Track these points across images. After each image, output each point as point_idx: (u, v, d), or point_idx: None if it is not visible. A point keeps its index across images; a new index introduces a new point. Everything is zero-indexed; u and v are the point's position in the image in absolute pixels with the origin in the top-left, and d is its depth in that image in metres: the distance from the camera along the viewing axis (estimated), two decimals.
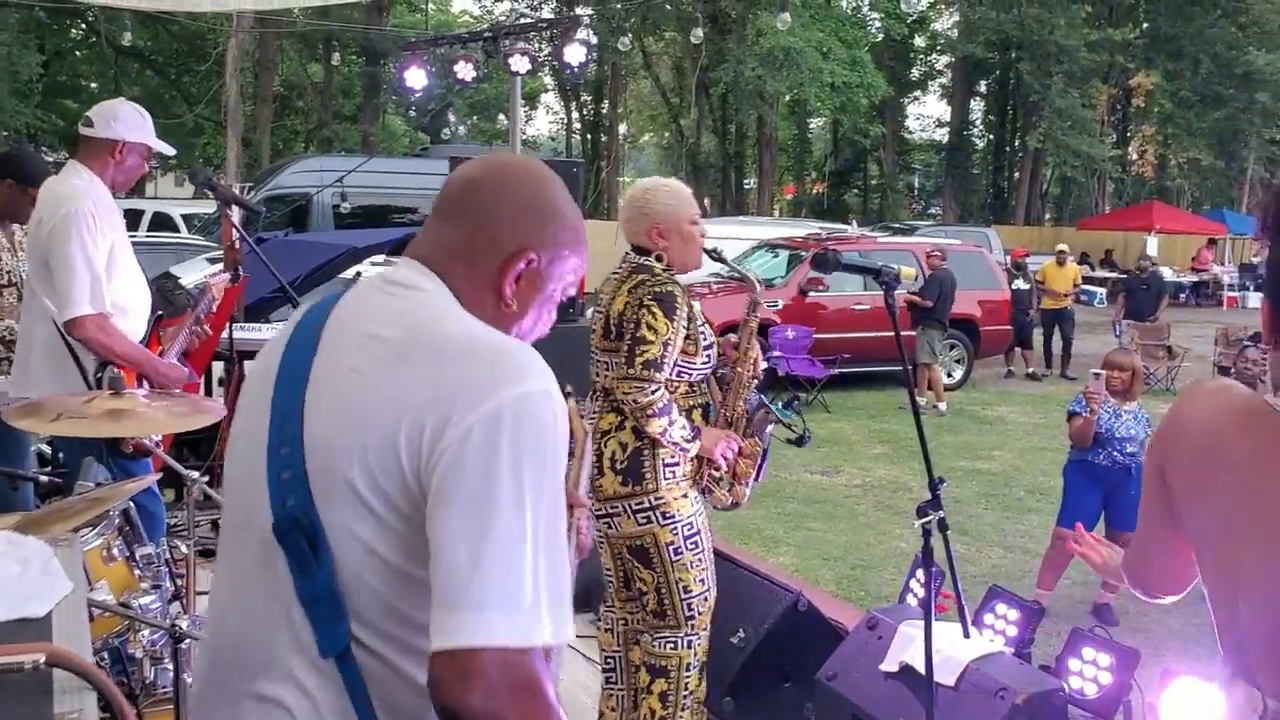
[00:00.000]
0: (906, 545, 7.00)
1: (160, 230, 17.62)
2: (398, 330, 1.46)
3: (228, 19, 24.19)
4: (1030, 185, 40.22)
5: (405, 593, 1.41)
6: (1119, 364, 6.08)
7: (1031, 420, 12.25)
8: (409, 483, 1.37)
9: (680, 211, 3.50)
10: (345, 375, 1.45)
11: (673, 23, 34.52)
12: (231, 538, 1.55)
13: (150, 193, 38.89)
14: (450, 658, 1.28)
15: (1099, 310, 23.98)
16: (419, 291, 1.52)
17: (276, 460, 1.46)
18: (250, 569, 1.49)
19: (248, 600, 1.49)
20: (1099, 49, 32.49)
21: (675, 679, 3.54)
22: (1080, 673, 3.73)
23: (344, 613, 1.40)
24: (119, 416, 2.92)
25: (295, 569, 1.42)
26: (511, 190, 1.58)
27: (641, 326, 3.30)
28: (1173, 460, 1.65)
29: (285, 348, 1.56)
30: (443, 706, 1.30)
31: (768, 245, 15.37)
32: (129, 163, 3.96)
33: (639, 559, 3.50)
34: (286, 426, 1.46)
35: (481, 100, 41.96)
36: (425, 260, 1.55)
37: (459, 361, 1.41)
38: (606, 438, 3.45)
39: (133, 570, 2.97)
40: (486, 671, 1.27)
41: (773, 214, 36.78)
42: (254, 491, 1.48)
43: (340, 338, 1.50)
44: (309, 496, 1.41)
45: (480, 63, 9.15)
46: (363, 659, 1.41)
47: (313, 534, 1.40)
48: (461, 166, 1.64)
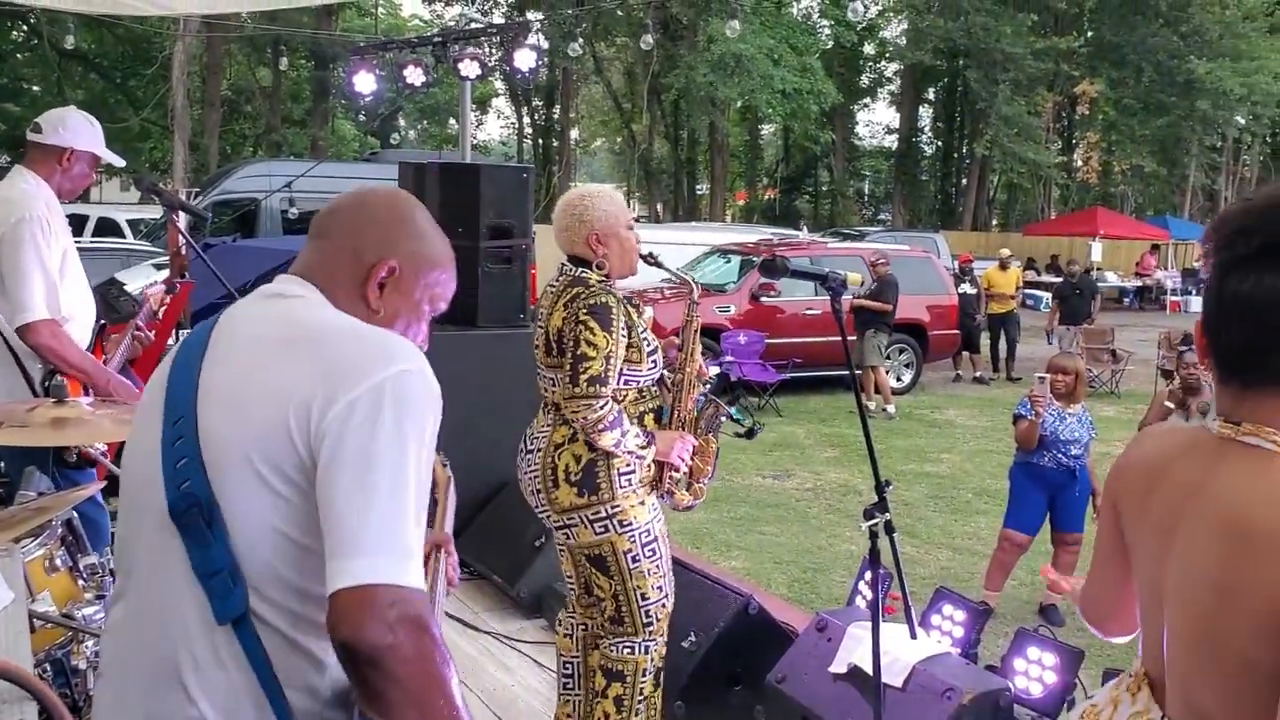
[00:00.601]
0: (857, 548, 7.06)
1: (105, 236, 17.37)
2: (281, 328, 1.62)
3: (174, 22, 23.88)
4: (977, 191, 40.66)
5: (302, 566, 1.52)
6: (1063, 367, 6.17)
7: (979, 423, 12.39)
8: (302, 457, 1.51)
9: (618, 217, 3.49)
10: (233, 371, 1.60)
11: (624, 28, 34.55)
12: (136, 528, 1.63)
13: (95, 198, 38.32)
14: (346, 596, 1.41)
15: (1045, 315, 24.29)
16: (297, 297, 1.69)
17: (171, 452, 1.57)
18: (148, 557, 1.59)
19: (147, 587, 1.58)
20: (1044, 57, 32.91)
21: (631, 683, 3.54)
22: (1026, 672, 3.77)
23: (240, 581, 1.51)
24: (63, 425, 2.88)
25: (192, 544, 1.53)
26: (370, 210, 1.78)
27: (581, 344, 3.29)
28: (1123, 495, 1.67)
29: (174, 357, 1.70)
30: (341, 643, 1.41)
31: (720, 251, 15.43)
32: (76, 170, 3.91)
33: (597, 567, 3.50)
34: (181, 423, 1.58)
35: (432, 105, 41.81)
36: (301, 274, 1.73)
37: (340, 347, 1.57)
38: (560, 450, 3.43)
39: (76, 580, 2.93)
40: (380, 606, 1.40)
41: (725, 219, 36.93)
42: (149, 484, 1.58)
43: (225, 341, 1.65)
44: (204, 478, 1.53)
45: (430, 67, 9.11)
46: (260, 630, 1.52)
47: (209, 511, 1.52)
48: (336, 198, 1.84)
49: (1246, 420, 1.46)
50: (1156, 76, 32.81)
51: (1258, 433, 1.44)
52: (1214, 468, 1.47)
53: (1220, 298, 1.46)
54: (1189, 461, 1.53)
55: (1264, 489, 1.41)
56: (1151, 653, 1.59)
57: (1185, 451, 1.56)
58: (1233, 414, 1.48)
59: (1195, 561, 1.46)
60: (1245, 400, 1.47)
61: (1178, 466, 1.54)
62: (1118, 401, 13.92)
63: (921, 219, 39.91)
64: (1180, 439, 1.62)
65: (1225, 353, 1.49)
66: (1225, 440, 1.48)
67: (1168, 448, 1.62)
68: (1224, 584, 1.40)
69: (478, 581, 5.62)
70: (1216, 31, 31.97)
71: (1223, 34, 31.97)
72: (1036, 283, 27.34)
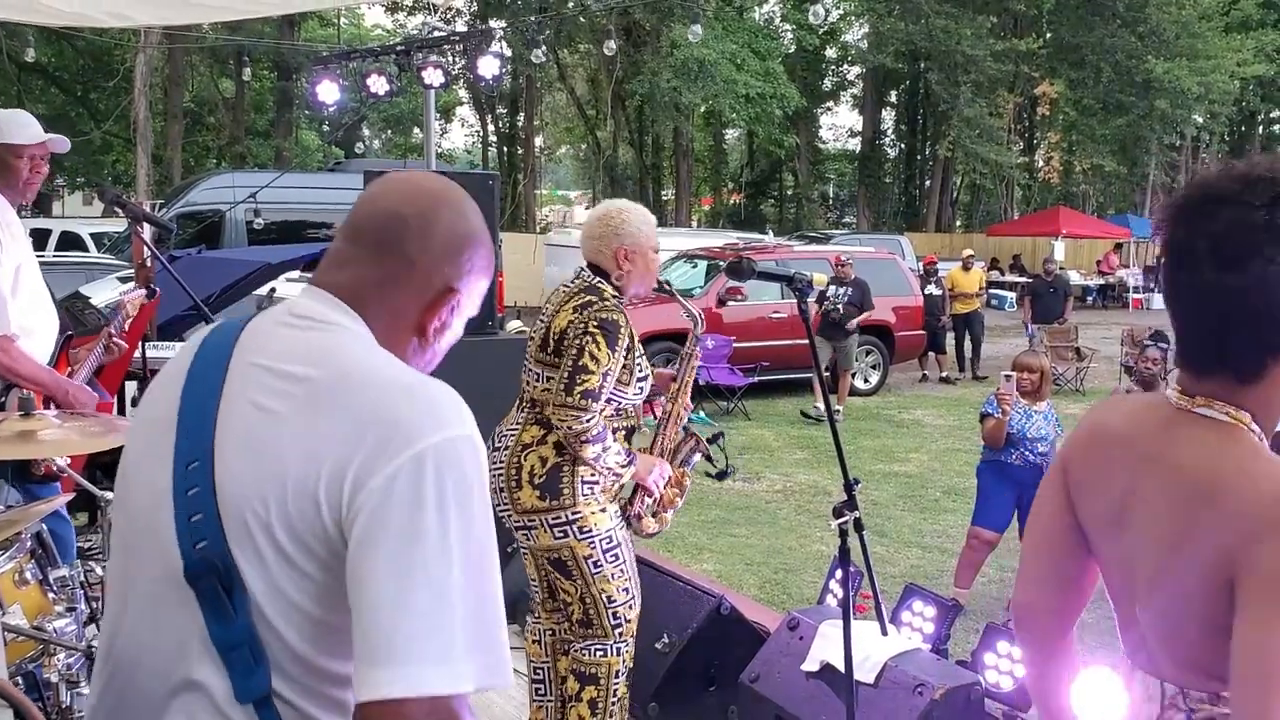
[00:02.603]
0: (827, 548, 7.10)
1: (69, 250, 17.20)
2: (313, 369, 1.40)
3: (135, 34, 23.70)
4: (941, 193, 40.93)
5: (323, 642, 1.38)
6: (1028, 365, 6.24)
7: (946, 423, 12.48)
8: (329, 531, 1.33)
9: (649, 238, 3.57)
10: (258, 416, 1.39)
11: (586, 35, 34.57)
12: (135, 569, 1.47)
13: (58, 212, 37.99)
14: (376, 709, 1.26)
15: (1010, 314, 24.49)
16: (334, 327, 1.46)
17: (185, 501, 1.39)
18: (161, 609, 1.42)
19: (163, 641, 1.42)
20: (1004, 59, 33.19)
21: (605, 686, 3.55)
22: (996, 666, 3.82)
23: (262, 658, 1.36)
24: (29, 438, 2.87)
25: (210, 614, 1.36)
26: (440, 228, 1.52)
27: (584, 355, 3.31)
28: (1079, 466, 1.71)
29: (187, 378, 1.48)
30: None
31: (686, 256, 15.47)
32: (19, 166, 3.81)
33: (559, 571, 3.52)
34: (195, 469, 1.39)
35: (396, 114, 41.64)
36: (340, 293, 1.49)
37: (381, 407, 1.36)
38: (527, 451, 3.45)
39: (46, 594, 2.92)
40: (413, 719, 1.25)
41: (691, 225, 36.99)
42: (159, 528, 1.41)
43: (251, 373, 1.43)
44: (223, 540, 1.36)
45: (393, 76, 9.10)
46: (280, 709, 1.38)
47: (227, 579, 1.35)
48: (382, 193, 1.55)
49: (1201, 395, 1.53)
50: (1115, 77, 33.14)
51: (1209, 405, 1.52)
52: (1171, 436, 1.55)
53: (1175, 290, 1.53)
54: (1146, 430, 1.60)
55: (1222, 452, 1.48)
56: (1124, 628, 1.65)
57: (1143, 420, 1.62)
58: (1189, 388, 1.55)
59: (1151, 524, 1.52)
60: (1201, 380, 1.54)
61: (1137, 436, 1.61)
62: (1083, 399, 14.05)
63: (886, 221, 40.13)
64: (1136, 406, 1.69)
65: (1182, 338, 1.56)
66: (1181, 410, 1.55)
67: (1125, 417, 1.68)
68: (1176, 542, 1.48)
69: None
70: (1173, 31, 32.33)
71: (1179, 34, 32.33)
72: (1001, 282, 27.55)
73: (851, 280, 12.92)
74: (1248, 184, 1.46)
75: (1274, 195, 1.44)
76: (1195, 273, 1.47)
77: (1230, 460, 1.47)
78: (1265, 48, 34.27)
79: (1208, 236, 1.45)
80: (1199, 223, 1.47)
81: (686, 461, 3.80)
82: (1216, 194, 1.47)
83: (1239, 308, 1.45)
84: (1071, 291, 17.44)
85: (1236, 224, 1.44)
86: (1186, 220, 1.50)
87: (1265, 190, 1.45)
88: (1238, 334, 1.47)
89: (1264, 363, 1.48)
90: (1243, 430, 1.50)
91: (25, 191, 3.90)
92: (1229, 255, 1.44)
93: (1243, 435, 1.50)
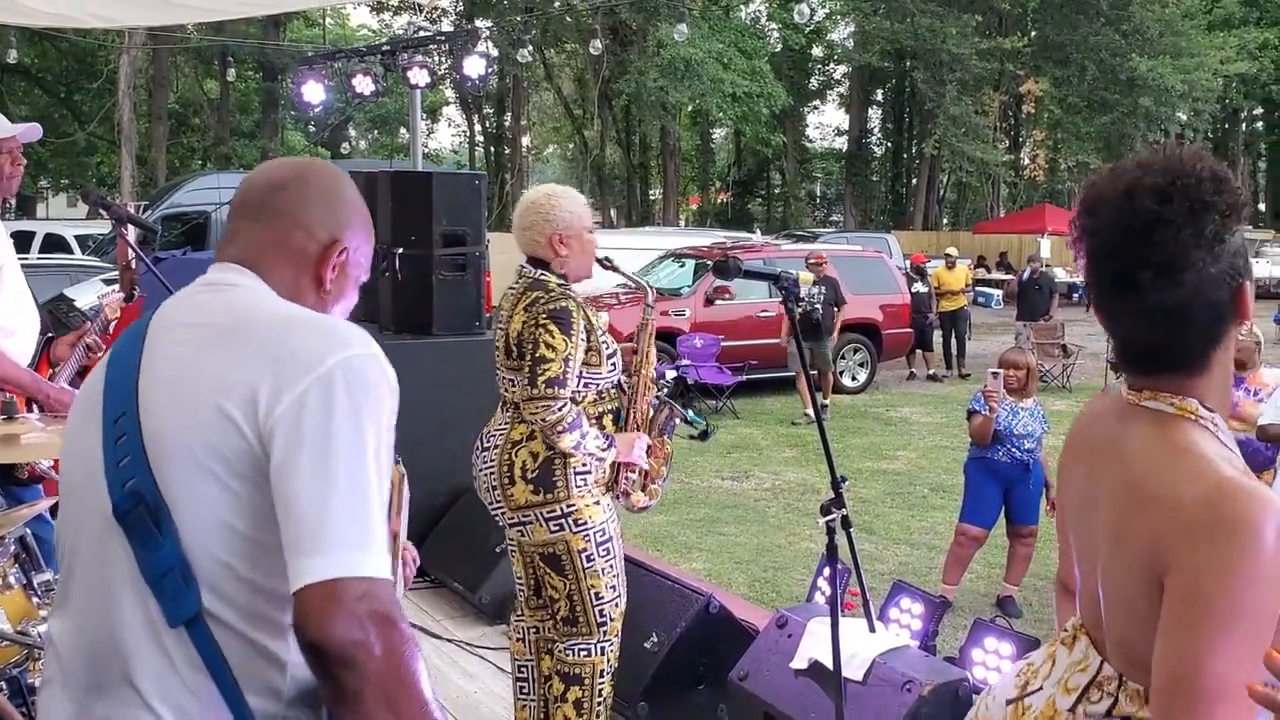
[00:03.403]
0: (816, 546, 7.10)
1: (53, 252, 17.13)
2: (222, 318, 1.55)
3: (119, 35, 23.63)
4: (927, 191, 41.06)
5: (257, 562, 1.46)
6: (1014, 362, 6.25)
7: (933, 420, 12.51)
8: (253, 448, 1.44)
9: (581, 218, 3.53)
10: (171, 363, 1.52)
11: (573, 34, 34.58)
12: (72, 540, 1.56)
13: (42, 214, 37.83)
14: (311, 593, 1.35)
15: (996, 311, 24.57)
16: (235, 286, 1.61)
17: (113, 451, 1.50)
18: (91, 562, 1.51)
19: (91, 593, 1.51)
20: (989, 57, 33.30)
21: (589, 686, 3.54)
22: (984, 662, 3.82)
23: (191, 580, 1.44)
24: (12, 442, 2.86)
25: (139, 545, 1.45)
26: (317, 188, 1.68)
27: (540, 346, 3.31)
28: (1063, 464, 1.77)
29: (110, 355, 1.63)
30: (308, 643, 1.35)
31: (674, 255, 15.48)
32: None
33: (551, 566, 3.51)
34: (122, 419, 1.51)
35: (382, 114, 41.61)
36: (239, 260, 1.64)
37: (285, 335, 1.50)
38: (517, 448, 3.45)
39: (31, 598, 2.90)
40: (345, 601, 1.34)
41: (678, 224, 37.03)
42: (90, 486, 1.51)
43: (164, 333, 1.58)
44: (149, 474, 1.46)
45: (379, 76, 9.08)
46: (215, 630, 1.45)
47: (155, 510, 1.45)
48: (260, 171, 1.73)
49: (1147, 389, 1.58)
50: (1099, 74, 33.29)
51: (1155, 397, 1.56)
52: (1123, 430, 1.60)
53: (1113, 313, 1.58)
54: (1106, 426, 1.66)
55: (1159, 448, 1.52)
56: (1087, 609, 1.67)
57: (1105, 416, 1.68)
58: (1135, 384, 1.61)
59: (1104, 517, 1.57)
60: (1149, 378, 1.59)
61: (1098, 431, 1.67)
62: (1069, 395, 14.09)
63: (873, 219, 40.23)
64: (1104, 405, 1.73)
65: (1120, 346, 1.61)
66: (1132, 405, 1.60)
67: (1093, 414, 1.75)
68: (1118, 536, 1.52)
69: (439, 589, 5.60)
70: (1157, 29, 32.48)
71: (1163, 32, 32.49)
72: (987, 280, 27.62)
73: (823, 278, 12.80)
74: (1163, 199, 1.48)
75: (1190, 206, 1.48)
76: (1136, 297, 1.51)
77: (1164, 458, 1.50)
78: (1248, 45, 34.48)
79: (1148, 265, 1.49)
80: (1132, 251, 1.50)
81: (666, 430, 3.76)
82: (1141, 220, 1.49)
83: (1182, 316, 1.50)
84: (1057, 289, 17.52)
85: (1170, 246, 1.48)
86: (1116, 250, 1.52)
87: (1181, 203, 1.48)
88: (1184, 339, 1.53)
89: (1208, 353, 1.54)
90: (1188, 422, 1.53)
91: (7, 186, 3.87)
92: (1166, 276, 1.48)
93: (1188, 428, 1.52)
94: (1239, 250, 1.51)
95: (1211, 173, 1.51)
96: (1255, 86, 38.72)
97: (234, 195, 1.72)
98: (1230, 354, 1.57)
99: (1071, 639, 1.69)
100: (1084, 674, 1.62)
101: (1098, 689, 1.59)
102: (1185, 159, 1.52)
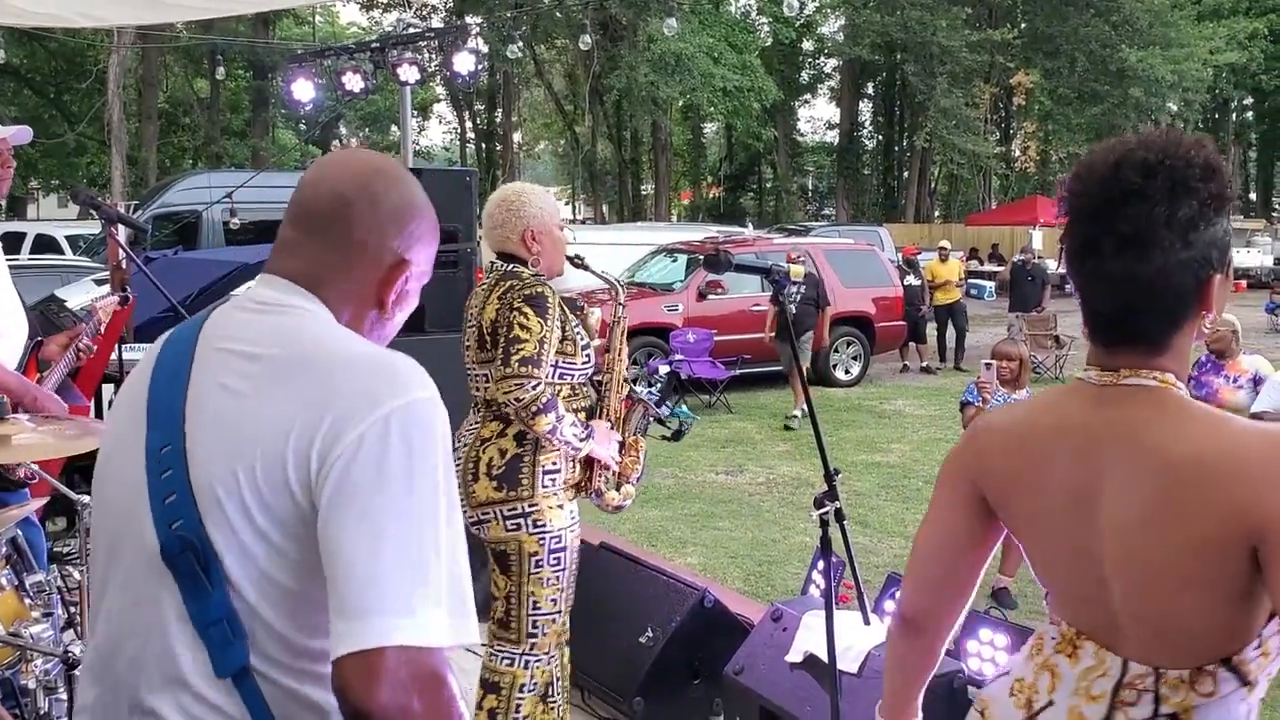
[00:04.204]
0: (810, 540, 7.10)
1: (44, 253, 17.09)
2: (276, 349, 1.45)
3: (108, 34, 23.54)
4: (919, 184, 41.06)
5: (301, 616, 1.40)
6: (1007, 354, 6.25)
7: (927, 412, 12.52)
8: (298, 499, 1.36)
9: (551, 215, 3.52)
10: (224, 395, 1.43)
11: (563, 30, 34.52)
12: (114, 562, 1.50)
13: (32, 215, 37.73)
14: (353, 661, 1.27)
15: (990, 303, 24.58)
16: (294, 310, 1.50)
17: (159, 485, 1.42)
18: (140, 593, 1.44)
19: (141, 624, 1.44)
20: (980, 49, 33.33)
21: (506, 698, 3.43)
22: (979, 654, 3.83)
23: (241, 632, 1.38)
24: (5, 443, 2.84)
25: (187, 592, 1.39)
26: (384, 204, 1.55)
27: (515, 328, 3.27)
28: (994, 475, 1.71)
29: (154, 369, 1.52)
30: (351, 711, 1.29)
31: (666, 250, 15.47)
32: None
33: (499, 563, 3.43)
34: (168, 452, 1.43)
35: (373, 112, 41.58)
36: (296, 278, 1.52)
37: (343, 377, 1.40)
38: (486, 444, 3.39)
39: (23, 599, 2.89)
40: (391, 669, 1.27)
41: (670, 219, 37.01)
42: (135, 515, 1.44)
43: (215, 358, 1.47)
44: (197, 518, 1.39)
45: (369, 74, 9.05)
46: (260, 683, 1.39)
47: (203, 555, 1.38)
48: (322, 177, 1.58)
49: (1122, 367, 1.57)
50: (1089, 66, 33.34)
51: (1136, 374, 1.56)
52: (1112, 414, 1.57)
53: (1082, 277, 1.58)
54: (1079, 415, 1.61)
55: (1184, 421, 1.52)
56: (1081, 611, 1.63)
57: (1067, 408, 1.64)
58: (1107, 365, 1.59)
59: (1120, 505, 1.53)
60: (1115, 354, 1.58)
61: (1070, 424, 1.62)
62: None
63: (865, 212, 40.24)
64: (1052, 400, 1.71)
65: (1093, 317, 1.60)
66: (1108, 387, 1.58)
67: (1041, 411, 1.70)
68: (1157, 519, 1.49)
69: None
70: (1146, 20, 32.53)
71: (1152, 22, 32.54)
72: (979, 272, 27.61)
73: (803, 277, 12.45)
74: (1148, 174, 1.50)
75: (1171, 186, 1.49)
76: (1101, 263, 1.53)
77: (1196, 429, 1.50)
78: (1237, 35, 34.53)
79: (1113, 233, 1.51)
80: (1105, 218, 1.52)
81: (639, 429, 3.73)
82: (1120, 190, 1.51)
83: (1144, 291, 1.51)
84: (1050, 280, 17.54)
85: (1140, 219, 1.49)
86: (1092, 215, 1.55)
87: (1164, 181, 1.49)
88: (1144, 314, 1.54)
89: (1168, 335, 1.55)
90: (1176, 391, 1.55)
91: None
92: (1133, 248, 1.50)
93: (1181, 397, 1.54)
94: (1217, 242, 1.52)
95: (1205, 160, 1.51)
96: (1245, 76, 38.84)
97: (292, 198, 1.59)
98: (1190, 341, 1.58)
99: (1070, 646, 1.64)
100: (1107, 678, 1.58)
101: (1131, 689, 1.55)
102: (1184, 143, 1.53)
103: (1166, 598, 1.50)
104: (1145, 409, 1.54)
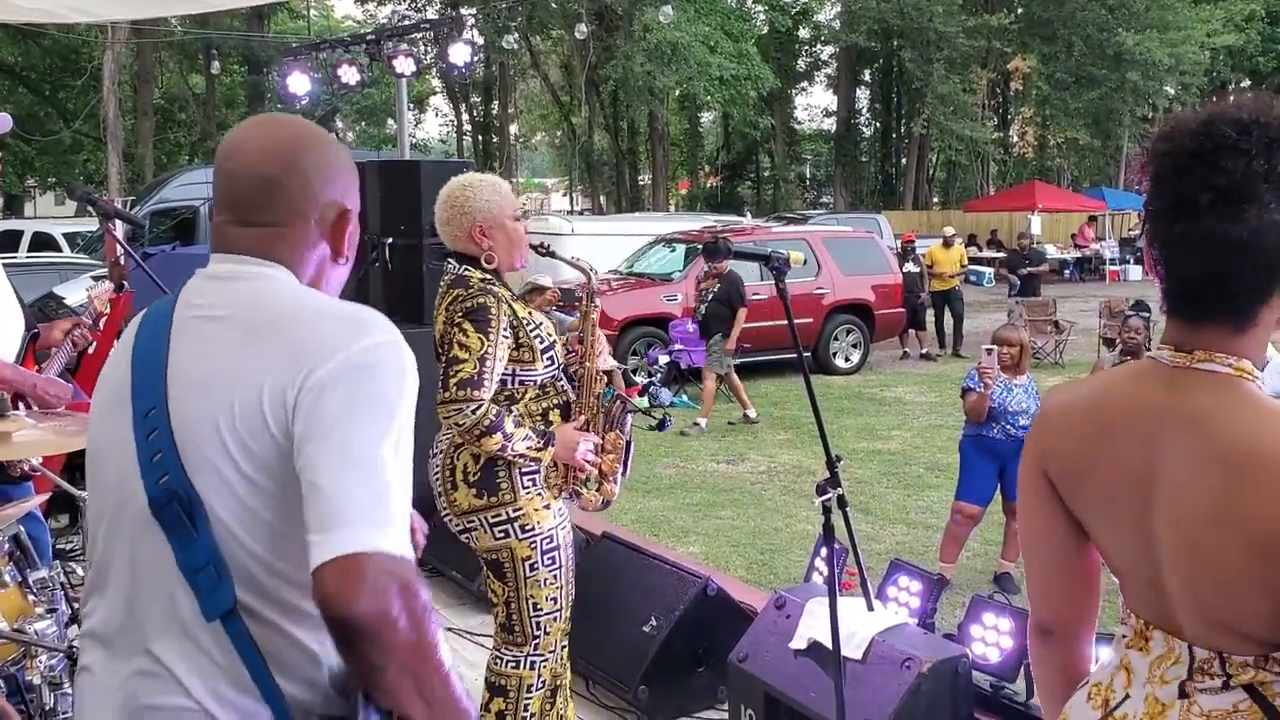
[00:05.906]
0: (813, 528, 7.10)
1: (42, 250, 17.06)
2: (249, 312, 1.55)
3: (102, 31, 23.49)
4: (917, 170, 41.00)
5: (286, 553, 1.47)
6: (1007, 339, 6.25)
7: (928, 399, 12.52)
8: (278, 440, 1.46)
9: (502, 207, 3.33)
10: (201, 358, 1.54)
11: (558, 20, 34.45)
12: (106, 531, 1.58)
13: (30, 213, 37.69)
14: (334, 567, 1.35)
15: (988, 289, 24.58)
16: (259, 276, 1.60)
17: (146, 446, 1.52)
18: (139, 550, 1.53)
19: (143, 576, 1.53)
20: (976, 35, 33.27)
21: (514, 700, 3.39)
22: (983, 639, 3.83)
23: (226, 576, 1.47)
24: (6, 439, 2.84)
25: (175, 541, 1.48)
26: (312, 170, 1.64)
27: (454, 347, 3.14)
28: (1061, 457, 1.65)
29: (134, 345, 1.62)
30: (333, 618, 1.36)
31: (664, 240, 15.45)
32: None
33: (494, 571, 3.37)
34: (153, 414, 1.53)
35: (369, 105, 41.46)
36: (252, 254, 1.61)
37: (309, 327, 1.51)
38: (459, 450, 3.29)
39: (26, 596, 2.90)
40: (368, 574, 1.35)
41: (668, 209, 36.95)
42: (125, 481, 1.53)
43: (190, 324, 1.58)
44: (182, 471, 1.49)
45: (364, 66, 9.04)
46: (249, 623, 1.48)
47: (189, 505, 1.48)
48: (239, 164, 1.63)
49: (1198, 349, 1.50)
50: (1086, 50, 33.27)
51: (1210, 358, 1.49)
52: (1180, 398, 1.50)
53: (1168, 240, 1.50)
54: (1149, 397, 1.54)
55: (1257, 414, 1.45)
56: (1145, 600, 1.59)
57: (1138, 389, 1.57)
58: (1183, 344, 1.52)
59: (1181, 492, 1.48)
60: (1195, 333, 1.51)
61: (1139, 406, 1.55)
62: (1062, 371, 14.12)
63: (863, 200, 40.15)
64: (1119, 377, 1.63)
65: (1175, 286, 1.52)
66: (1180, 369, 1.52)
67: (1111, 390, 1.62)
68: (1216, 509, 1.43)
69: (437, 578, 5.60)
70: (1143, 3, 32.45)
71: (1149, 6, 32.45)
72: (978, 258, 27.60)
73: (719, 274, 11.31)
74: (1242, 130, 1.43)
75: (1267, 141, 1.43)
76: (1194, 222, 1.45)
77: (1267, 424, 1.44)
78: (1234, 17, 34.43)
79: (1209, 188, 1.43)
80: (1198, 173, 1.45)
81: (620, 424, 3.55)
82: (1214, 143, 1.44)
83: (1236, 255, 1.43)
84: (1047, 264, 17.51)
85: (1238, 173, 1.42)
86: (1183, 171, 1.47)
87: (1260, 137, 1.43)
88: (1234, 281, 1.46)
89: (1257, 309, 1.48)
90: (1250, 383, 1.48)
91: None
92: (1230, 205, 1.42)
93: (1254, 390, 1.48)
94: None
95: None
96: (1242, 59, 38.71)
97: (216, 184, 1.67)
98: (1272, 326, 1.50)
99: (1141, 640, 1.60)
100: (1179, 665, 1.54)
101: (1201, 673, 1.51)
102: (1275, 106, 1.47)
103: (1227, 595, 1.45)
104: (1216, 397, 1.47)
